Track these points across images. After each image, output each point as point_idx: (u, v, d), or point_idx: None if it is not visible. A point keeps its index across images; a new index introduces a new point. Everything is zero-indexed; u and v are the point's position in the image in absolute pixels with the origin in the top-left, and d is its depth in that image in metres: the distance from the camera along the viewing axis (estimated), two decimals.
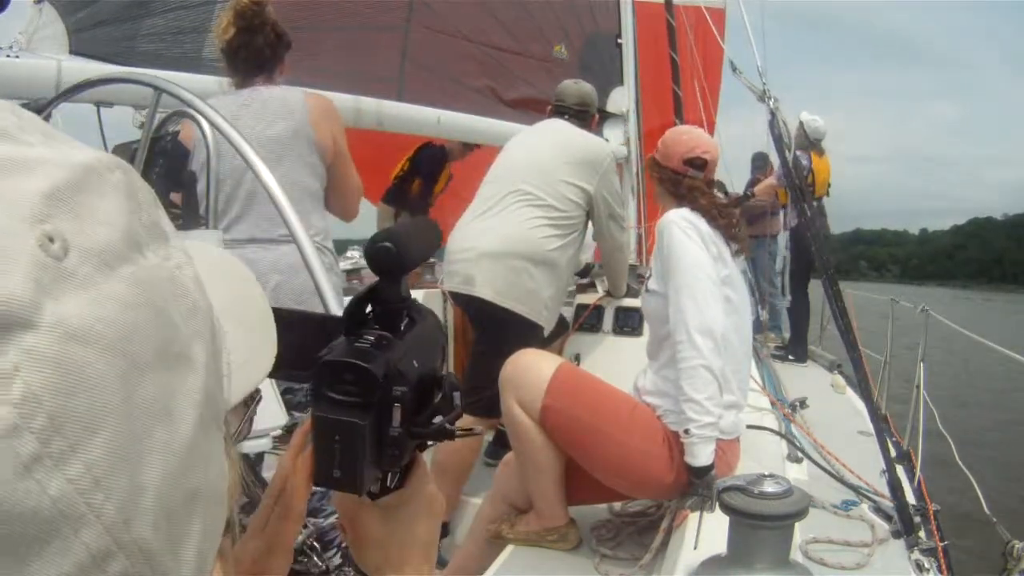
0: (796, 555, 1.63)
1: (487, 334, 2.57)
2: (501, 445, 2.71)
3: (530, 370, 1.98)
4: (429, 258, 0.68)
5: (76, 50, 2.19)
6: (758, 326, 4.42)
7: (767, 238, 6.14)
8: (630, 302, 3.15)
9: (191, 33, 2.48)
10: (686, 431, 1.82)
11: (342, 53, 2.99)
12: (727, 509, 1.48)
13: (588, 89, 2.89)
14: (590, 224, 2.72)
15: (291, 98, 1.98)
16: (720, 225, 1.98)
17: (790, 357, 4.80)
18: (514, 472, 2.09)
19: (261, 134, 1.89)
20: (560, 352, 2.94)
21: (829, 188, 5.51)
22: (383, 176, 4.70)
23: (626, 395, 2.03)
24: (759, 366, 3.12)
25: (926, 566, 1.71)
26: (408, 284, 0.55)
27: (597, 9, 4.19)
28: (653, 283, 2.00)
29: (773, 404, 2.82)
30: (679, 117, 4.07)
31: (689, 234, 1.91)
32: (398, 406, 0.50)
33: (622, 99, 4.12)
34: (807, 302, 5.30)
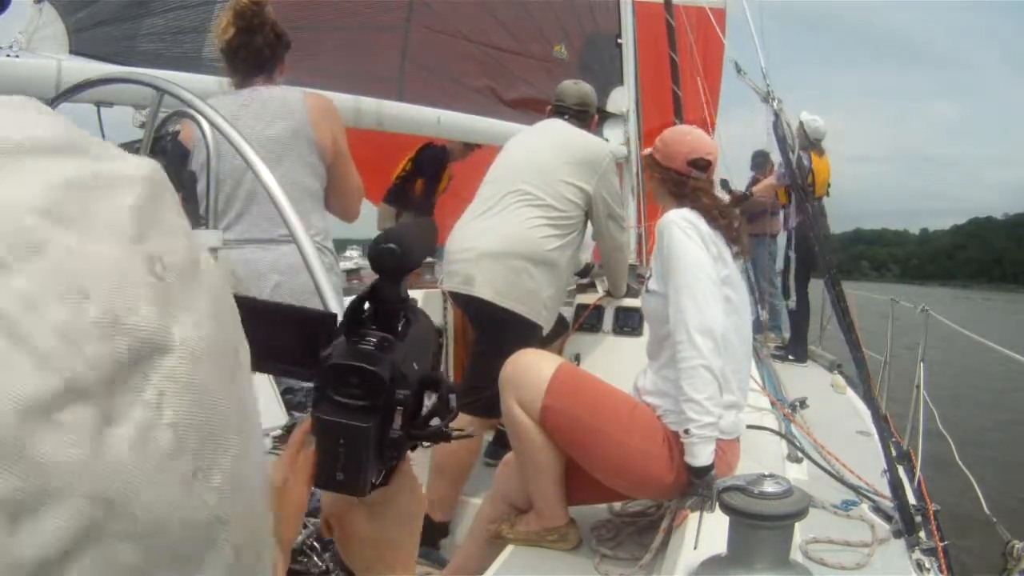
0: (796, 555, 1.63)
1: (487, 334, 2.57)
2: (501, 445, 2.71)
3: (530, 370, 1.98)
4: (427, 258, 0.68)
5: (76, 50, 2.19)
6: (758, 326, 4.42)
7: (767, 237, 6.13)
8: (630, 302, 3.14)
9: (191, 33, 2.48)
10: (686, 431, 1.82)
11: (342, 53, 2.99)
12: (727, 509, 1.48)
13: (588, 89, 2.90)
14: (589, 224, 2.72)
15: (291, 98, 1.98)
16: (721, 226, 1.98)
17: (790, 357, 4.80)
18: (514, 472, 2.09)
19: (261, 134, 1.89)
20: (560, 352, 2.94)
21: (829, 188, 5.50)
22: (383, 176, 4.69)
23: (626, 395, 2.03)
24: (759, 366, 3.12)
25: (927, 566, 1.70)
26: (407, 284, 0.55)
27: (597, 9, 4.19)
28: (653, 283, 2.00)
29: (773, 404, 2.81)
30: (679, 117, 4.07)
31: (689, 234, 1.91)
32: (400, 409, 0.50)
33: (622, 99, 4.12)
34: (807, 302, 5.29)
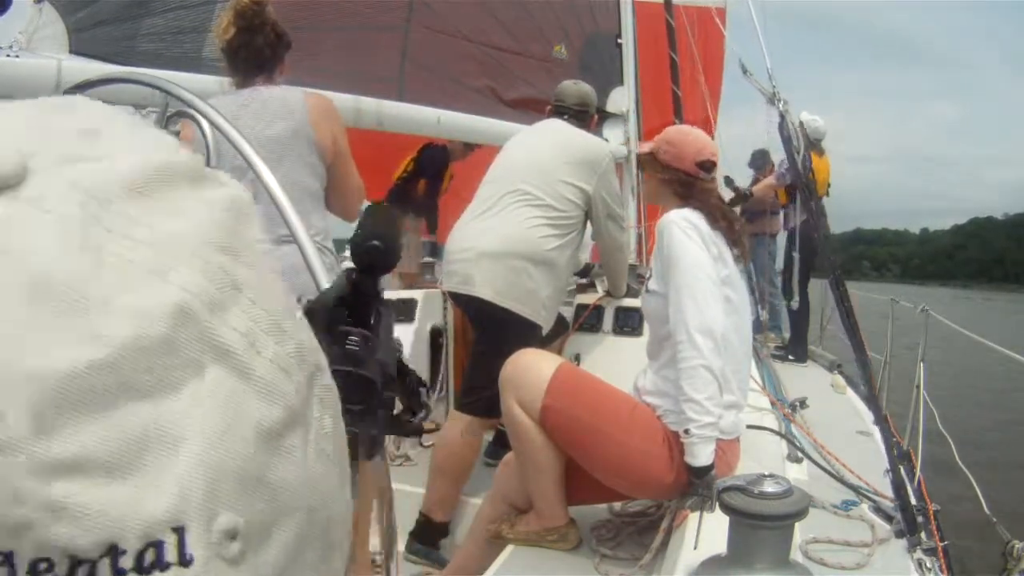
0: (796, 555, 1.62)
1: (487, 334, 2.57)
2: (501, 445, 2.71)
3: (530, 370, 1.98)
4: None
5: (76, 50, 2.19)
6: (758, 326, 4.41)
7: (767, 237, 6.12)
8: (630, 302, 3.14)
9: (191, 33, 2.48)
10: (686, 431, 1.82)
11: (342, 53, 2.99)
12: (727, 509, 1.48)
13: (587, 89, 2.89)
14: (589, 224, 2.72)
15: (291, 98, 1.98)
16: (722, 227, 1.98)
17: (790, 357, 4.79)
18: (514, 472, 2.09)
19: (261, 134, 1.89)
20: (560, 352, 2.94)
21: (829, 188, 5.50)
22: (384, 176, 4.70)
23: (626, 395, 2.03)
24: (759, 366, 3.12)
25: (928, 566, 1.70)
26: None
27: (597, 9, 4.19)
28: (653, 283, 2.00)
29: (773, 404, 2.81)
30: (679, 117, 4.07)
31: (689, 234, 1.91)
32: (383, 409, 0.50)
33: (622, 99, 4.11)
34: (807, 302, 5.29)
